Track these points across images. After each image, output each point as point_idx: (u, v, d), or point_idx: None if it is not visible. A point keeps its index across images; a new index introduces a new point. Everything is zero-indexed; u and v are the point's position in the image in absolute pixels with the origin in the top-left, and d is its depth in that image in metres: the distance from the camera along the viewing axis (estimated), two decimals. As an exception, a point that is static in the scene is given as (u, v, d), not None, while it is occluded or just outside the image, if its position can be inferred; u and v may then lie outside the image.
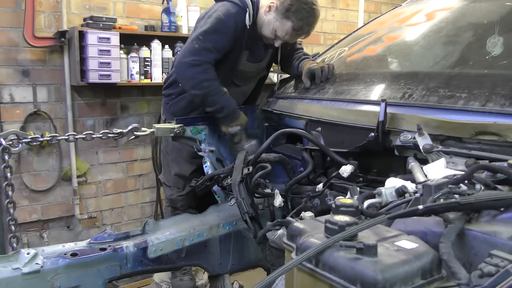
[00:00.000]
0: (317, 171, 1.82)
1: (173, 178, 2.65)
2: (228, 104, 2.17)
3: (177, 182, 2.65)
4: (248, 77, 2.49)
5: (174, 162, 2.63)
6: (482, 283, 0.69)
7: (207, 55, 2.15)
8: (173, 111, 2.48)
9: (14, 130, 1.75)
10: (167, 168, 2.70)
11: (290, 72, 2.54)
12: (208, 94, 2.15)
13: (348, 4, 4.95)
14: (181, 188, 2.65)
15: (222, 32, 2.16)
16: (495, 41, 1.50)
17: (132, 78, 3.37)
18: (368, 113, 1.61)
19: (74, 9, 3.30)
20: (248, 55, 2.35)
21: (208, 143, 2.13)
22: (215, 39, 2.16)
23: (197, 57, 2.14)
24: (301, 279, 0.85)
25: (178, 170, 2.61)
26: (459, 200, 0.88)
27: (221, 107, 2.15)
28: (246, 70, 2.41)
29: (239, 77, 2.43)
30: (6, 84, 3.12)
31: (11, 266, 1.35)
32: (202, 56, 2.14)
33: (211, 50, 2.15)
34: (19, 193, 3.18)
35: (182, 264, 1.80)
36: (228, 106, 2.17)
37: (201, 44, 2.15)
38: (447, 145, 1.31)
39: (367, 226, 0.81)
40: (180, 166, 2.60)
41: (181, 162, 2.59)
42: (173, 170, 2.63)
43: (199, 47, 2.15)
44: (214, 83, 2.15)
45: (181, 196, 2.66)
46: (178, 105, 2.48)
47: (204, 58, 2.14)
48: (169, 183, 2.70)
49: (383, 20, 2.37)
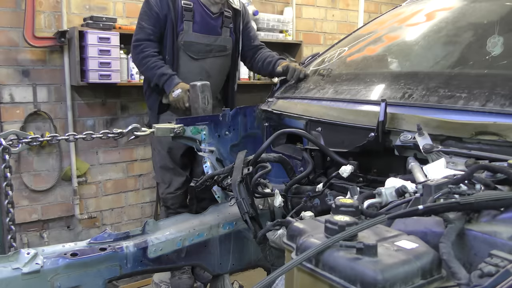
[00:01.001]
0: (317, 171, 1.82)
1: (159, 172, 2.79)
2: (164, 73, 2.53)
3: (163, 175, 2.77)
4: (201, 50, 2.69)
5: (158, 155, 2.77)
6: (482, 283, 0.68)
7: (142, 33, 2.59)
8: (149, 105, 2.80)
9: (14, 130, 1.75)
10: (154, 164, 2.88)
11: (261, 71, 2.85)
12: (147, 69, 2.57)
13: (348, 4, 4.96)
14: (167, 183, 2.75)
15: (149, 8, 2.57)
16: (495, 41, 1.50)
17: (132, 78, 3.37)
18: (368, 113, 1.61)
19: (74, 9, 3.30)
20: (193, 25, 2.63)
21: (208, 143, 2.13)
22: (145, 16, 2.59)
23: (136, 38, 2.60)
24: (301, 279, 0.85)
25: (162, 162, 2.74)
26: (459, 200, 0.88)
27: (159, 75, 2.53)
28: (196, 41, 2.67)
29: (191, 49, 2.66)
30: (6, 84, 3.12)
31: (11, 266, 1.35)
32: (138, 35, 2.60)
33: (144, 27, 2.58)
34: (19, 193, 3.19)
35: (182, 264, 1.80)
36: (166, 73, 2.53)
37: (138, 25, 2.62)
38: (447, 145, 1.31)
39: (367, 226, 0.81)
40: (162, 157, 2.74)
41: (162, 153, 2.73)
42: (157, 164, 2.78)
43: (137, 28, 2.62)
44: (151, 59, 2.55)
45: (170, 194, 2.74)
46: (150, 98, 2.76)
47: (140, 36, 2.59)
48: (157, 179, 2.87)
49: (383, 20, 2.37)
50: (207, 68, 2.74)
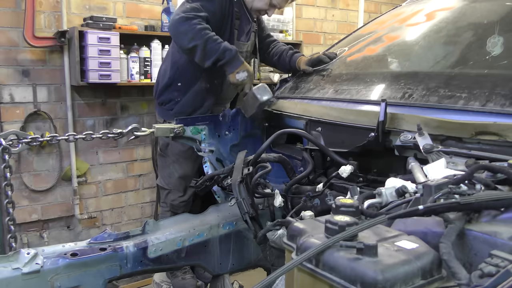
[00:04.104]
0: (317, 171, 1.82)
1: (175, 181, 2.63)
2: (229, 48, 2.20)
3: (179, 185, 2.62)
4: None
5: (176, 163, 2.61)
6: (483, 283, 0.68)
7: (199, 12, 2.23)
8: (179, 111, 2.49)
9: (14, 130, 1.75)
10: (167, 171, 2.66)
11: (278, 66, 2.67)
12: (207, 41, 2.18)
13: (348, 4, 4.96)
14: (183, 192, 2.63)
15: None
16: (495, 41, 1.50)
17: (132, 78, 3.37)
18: (368, 113, 1.61)
19: (74, 9, 3.30)
20: (237, 33, 2.44)
21: (208, 143, 2.13)
22: (204, 2, 2.27)
23: (190, 13, 2.21)
24: (301, 279, 0.85)
25: (182, 171, 2.59)
26: (459, 200, 0.88)
27: (222, 51, 2.18)
28: (240, 50, 2.44)
29: None
30: (6, 84, 3.12)
31: (11, 266, 1.35)
32: (194, 12, 2.22)
33: (202, 10, 2.24)
34: (19, 193, 3.18)
35: (182, 264, 1.80)
36: (230, 49, 2.20)
37: (192, 4, 2.25)
38: (447, 145, 1.31)
39: (367, 226, 0.81)
40: (182, 166, 2.59)
41: (183, 162, 2.58)
42: (176, 172, 2.61)
43: (190, 6, 2.24)
44: (210, 32, 2.20)
45: (183, 202, 2.64)
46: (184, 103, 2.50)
47: (196, 13, 2.22)
48: (169, 187, 2.66)
49: (383, 20, 2.37)
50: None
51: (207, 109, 2.51)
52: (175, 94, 2.53)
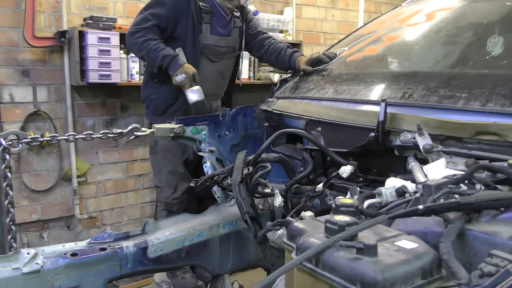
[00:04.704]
0: (317, 171, 1.82)
1: (165, 177, 2.70)
2: (167, 54, 2.41)
3: (169, 180, 2.69)
4: (219, 52, 2.65)
5: (165, 159, 2.69)
6: (482, 283, 0.68)
7: (146, 23, 2.45)
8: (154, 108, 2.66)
9: (14, 130, 1.75)
10: (158, 168, 2.76)
11: (276, 64, 2.72)
12: (148, 52, 2.42)
13: (348, 4, 4.96)
14: (173, 187, 2.69)
15: (161, 2, 2.48)
16: (495, 41, 1.50)
17: (132, 78, 3.37)
18: (368, 113, 1.61)
19: (74, 9, 3.30)
20: (210, 28, 2.57)
21: (208, 143, 2.13)
22: (154, 9, 2.48)
23: (137, 26, 2.46)
24: (301, 279, 0.85)
25: (171, 167, 2.67)
26: (459, 200, 0.88)
27: (161, 58, 2.40)
28: (215, 44, 2.62)
29: (210, 52, 2.62)
30: (6, 84, 3.12)
31: (11, 266, 1.35)
32: (141, 24, 2.46)
33: (149, 19, 2.46)
34: (19, 193, 3.19)
35: (182, 264, 1.80)
36: (168, 55, 2.41)
37: (141, 15, 2.49)
38: (447, 145, 1.31)
39: (367, 226, 0.81)
40: (171, 162, 2.67)
41: (171, 158, 2.67)
42: (165, 168, 2.69)
43: (140, 18, 2.49)
44: (152, 42, 2.43)
45: (176, 200, 2.69)
46: (158, 100, 2.65)
47: (143, 25, 2.45)
48: (160, 184, 2.74)
49: (383, 20, 2.37)
50: (222, 70, 2.74)
51: (181, 105, 2.61)
52: (151, 91, 2.67)
